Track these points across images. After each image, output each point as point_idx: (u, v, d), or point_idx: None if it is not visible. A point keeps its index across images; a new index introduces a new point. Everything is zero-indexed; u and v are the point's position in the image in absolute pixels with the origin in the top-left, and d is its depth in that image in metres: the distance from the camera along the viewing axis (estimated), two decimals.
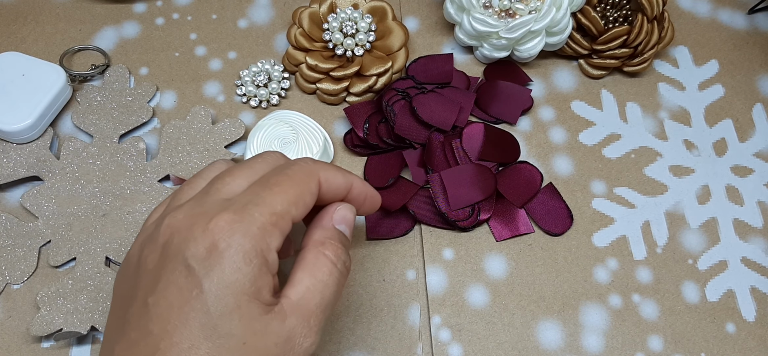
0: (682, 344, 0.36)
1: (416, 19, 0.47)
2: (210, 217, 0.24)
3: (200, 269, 0.23)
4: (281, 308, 0.25)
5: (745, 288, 0.38)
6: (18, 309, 0.36)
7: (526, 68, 0.45)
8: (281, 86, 0.43)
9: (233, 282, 0.23)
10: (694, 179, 0.41)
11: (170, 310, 0.23)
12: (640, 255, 0.39)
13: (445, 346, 0.36)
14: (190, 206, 0.26)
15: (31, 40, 0.45)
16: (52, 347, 0.35)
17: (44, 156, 0.40)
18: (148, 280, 0.24)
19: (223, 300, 0.23)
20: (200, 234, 0.24)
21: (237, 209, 0.24)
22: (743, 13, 0.48)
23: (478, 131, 0.41)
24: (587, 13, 0.43)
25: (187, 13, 0.46)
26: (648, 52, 0.44)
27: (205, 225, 0.24)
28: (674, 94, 0.45)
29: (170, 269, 0.24)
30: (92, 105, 0.42)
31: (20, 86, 0.40)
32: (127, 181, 0.39)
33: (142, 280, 0.25)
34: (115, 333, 0.25)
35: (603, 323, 0.37)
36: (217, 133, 0.41)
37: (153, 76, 0.44)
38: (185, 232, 0.24)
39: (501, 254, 0.38)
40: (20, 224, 0.38)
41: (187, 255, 0.24)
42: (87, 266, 0.36)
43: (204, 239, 0.24)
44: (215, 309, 0.23)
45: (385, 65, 0.42)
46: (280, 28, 0.46)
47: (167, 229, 0.25)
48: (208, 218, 0.24)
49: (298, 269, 0.26)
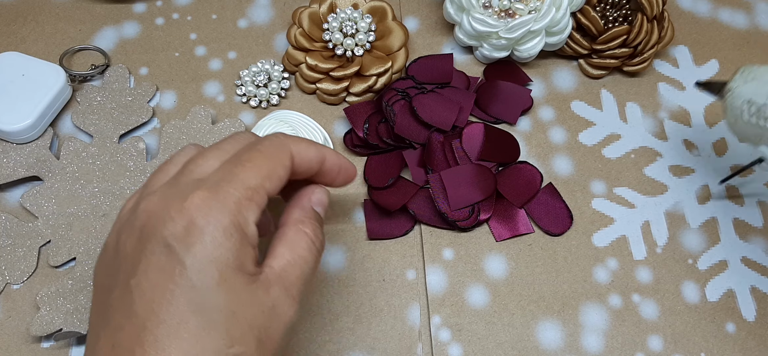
0: (682, 344, 0.36)
1: (416, 19, 0.47)
2: (185, 196, 0.24)
3: (180, 247, 0.23)
4: (266, 277, 0.25)
5: (745, 288, 0.38)
6: (18, 309, 0.36)
7: (525, 68, 0.45)
8: (281, 86, 0.43)
9: (217, 256, 0.24)
10: (694, 179, 0.41)
11: (154, 290, 0.23)
12: (640, 255, 0.39)
13: (445, 346, 0.36)
14: (164, 189, 0.26)
15: (31, 40, 0.45)
16: (52, 347, 0.35)
17: (44, 156, 0.40)
18: (128, 264, 0.24)
19: (208, 274, 0.23)
20: (176, 214, 0.24)
21: (211, 187, 0.25)
22: (744, 12, 0.48)
23: (478, 131, 0.41)
24: (587, 12, 0.43)
25: (187, 13, 0.46)
26: (648, 51, 0.44)
27: (180, 205, 0.24)
28: (674, 94, 0.45)
29: (150, 250, 0.24)
30: (92, 105, 0.42)
31: (20, 86, 0.40)
32: (127, 181, 0.39)
33: (122, 265, 0.25)
34: (99, 321, 0.25)
35: (603, 323, 0.37)
36: (217, 133, 0.41)
37: (153, 76, 0.44)
38: (161, 213, 0.24)
39: (501, 255, 0.38)
40: (20, 224, 0.38)
41: (166, 235, 0.24)
42: (87, 266, 0.36)
43: (181, 219, 0.24)
44: (201, 284, 0.23)
45: (385, 65, 0.42)
46: (280, 28, 0.46)
47: (143, 213, 0.25)
48: (183, 198, 0.24)
49: (278, 244, 0.27)
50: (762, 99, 0.32)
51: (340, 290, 0.37)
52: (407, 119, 0.40)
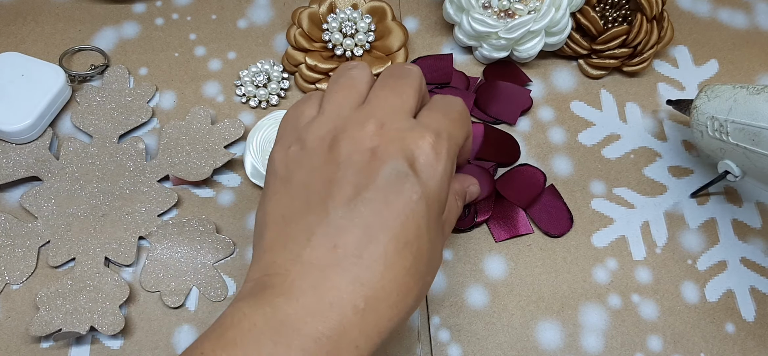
0: (682, 344, 0.36)
1: (416, 19, 0.47)
2: (421, 135, 0.27)
3: (420, 178, 0.26)
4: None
5: (744, 288, 0.38)
6: (17, 309, 0.36)
7: (525, 68, 0.45)
8: (281, 87, 0.43)
9: (442, 198, 0.27)
10: (693, 179, 0.41)
11: (390, 208, 0.25)
12: (640, 255, 0.39)
13: (445, 347, 0.36)
14: (393, 119, 0.28)
15: (30, 40, 0.45)
16: (51, 347, 0.35)
17: (44, 156, 0.40)
18: (359, 176, 0.26)
19: (435, 209, 0.27)
20: (416, 149, 0.26)
21: (437, 135, 0.27)
22: (743, 12, 0.48)
23: (478, 132, 0.41)
24: (586, 13, 0.43)
25: (187, 14, 0.46)
26: (647, 51, 0.44)
27: (417, 142, 0.27)
28: (674, 94, 0.45)
29: (388, 172, 0.26)
30: (92, 105, 0.42)
31: (20, 86, 0.40)
32: (126, 181, 0.39)
33: (347, 175, 0.26)
34: (306, 215, 0.26)
35: (602, 323, 0.37)
36: (216, 133, 0.41)
37: (152, 77, 0.44)
38: (400, 143, 0.26)
39: (500, 255, 0.38)
40: (19, 224, 0.38)
41: (407, 163, 0.26)
42: (86, 266, 0.36)
43: (420, 154, 0.26)
44: (432, 214, 0.26)
45: (385, 66, 0.42)
46: (280, 28, 0.46)
47: (376, 136, 0.27)
48: (420, 136, 0.27)
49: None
50: (723, 115, 0.34)
51: None
52: None
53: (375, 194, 0.25)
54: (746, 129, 0.33)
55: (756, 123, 0.32)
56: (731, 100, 0.34)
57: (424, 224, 0.26)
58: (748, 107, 0.33)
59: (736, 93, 0.34)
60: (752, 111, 0.33)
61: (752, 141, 0.33)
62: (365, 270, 0.24)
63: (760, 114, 0.32)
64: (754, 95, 0.33)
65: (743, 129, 0.33)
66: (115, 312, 0.35)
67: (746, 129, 0.33)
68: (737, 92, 0.34)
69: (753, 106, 0.33)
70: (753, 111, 0.33)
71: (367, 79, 0.30)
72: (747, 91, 0.34)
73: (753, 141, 0.32)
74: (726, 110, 0.34)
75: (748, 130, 0.33)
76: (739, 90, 0.34)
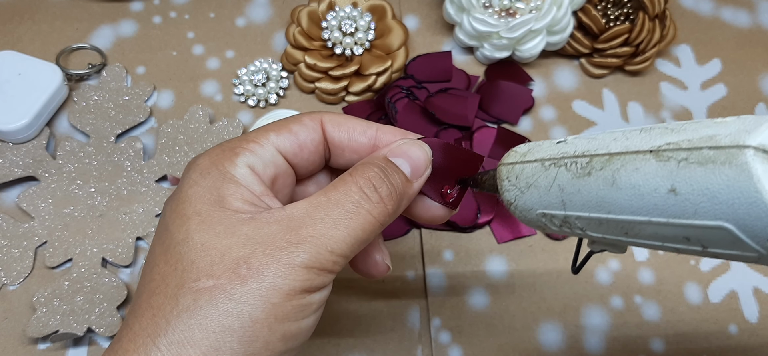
0: (684, 345, 0.36)
1: (416, 18, 0.47)
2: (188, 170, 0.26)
3: (167, 208, 0.25)
4: (260, 214, 0.23)
5: (747, 290, 0.38)
6: (14, 310, 0.36)
7: (527, 68, 0.44)
8: (280, 85, 0.43)
9: (190, 195, 0.24)
10: None
11: (151, 247, 0.25)
12: (642, 256, 0.38)
13: (445, 348, 0.35)
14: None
15: (27, 38, 0.44)
16: (48, 348, 0.35)
17: (40, 156, 0.39)
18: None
19: (177, 213, 0.24)
20: (177, 189, 0.25)
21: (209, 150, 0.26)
22: (746, 11, 0.48)
23: (489, 136, 0.40)
24: (588, 11, 0.42)
25: (185, 12, 0.46)
26: (650, 50, 0.43)
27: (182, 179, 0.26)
28: (676, 93, 0.44)
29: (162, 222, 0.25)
30: (89, 104, 0.41)
31: (16, 85, 0.40)
32: (124, 181, 0.39)
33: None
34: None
35: (604, 324, 0.36)
36: (214, 132, 0.40)
37: (150, 76, 0.43)
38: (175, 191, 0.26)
39: (501, 256, 0.38)
40: (16, 224, 0.37)
41: (167, 205, 0.25)
42: (83, 267, 0.36)
43: (178, 186, 0.25)
44: (171, 224, 0.24)
45: (385, 64, 0.41)
46: (279, 26, 0.46)
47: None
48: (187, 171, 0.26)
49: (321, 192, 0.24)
50: (559, 209, 0.23)
51: (339, 292, 0.37)
52: (409, 117, 0.40)
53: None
54: (605, 222, 0.22)
55: (615, 216, 0.21)
56: (555, 187, 0.23)
57: (167, 239, 0.24)
58: (587, 196, 0.22)
59: (556, 175, 0.23)
60: (597, 201, 0.22)
61: (623, 233, 0.22)
62: None
63: (611, 204, 0.21)
64: (583, 176, 0.22)
65: (601, 223, 0.22)
66: (113, 314, 0.35)
67: (605, 222, 0.22)
68: (555, 174, 0.23)
69: (593, 193, 0.22)
70: (598, 201, 0.22)
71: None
72: (567, 169, 0.23)
73: (625, 233, 0.22)
74: (557, 203, 0.23)
75: (610, 222, 0.22)
76: (553, 169, 0.23)
